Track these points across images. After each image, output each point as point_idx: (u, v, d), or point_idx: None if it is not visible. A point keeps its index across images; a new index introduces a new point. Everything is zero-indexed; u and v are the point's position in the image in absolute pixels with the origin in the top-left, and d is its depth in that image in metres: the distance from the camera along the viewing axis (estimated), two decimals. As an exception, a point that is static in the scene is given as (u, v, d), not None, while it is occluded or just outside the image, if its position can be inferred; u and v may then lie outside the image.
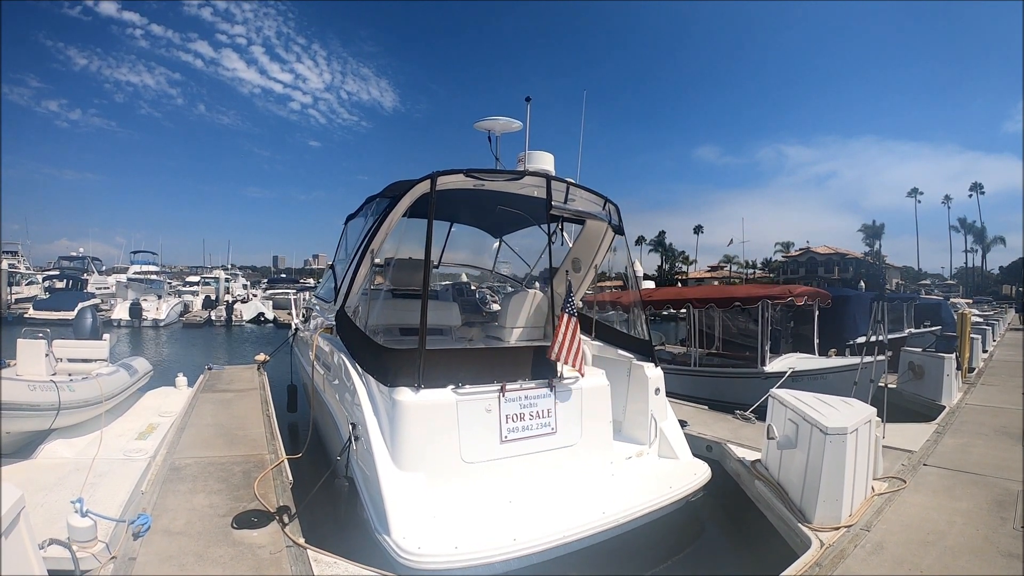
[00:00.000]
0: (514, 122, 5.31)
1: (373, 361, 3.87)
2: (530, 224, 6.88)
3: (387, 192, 4.93)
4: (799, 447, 4.33)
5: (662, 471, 4.65)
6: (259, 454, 4.79)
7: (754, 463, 5.15)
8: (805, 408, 4.31)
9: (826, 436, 3.93)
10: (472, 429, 3.67)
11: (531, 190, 4.69)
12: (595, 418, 4.37)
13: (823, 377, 8.17)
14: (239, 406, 6.66)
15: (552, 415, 4.04)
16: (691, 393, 8.63)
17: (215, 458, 4.68)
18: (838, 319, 11.08)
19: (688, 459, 4.91)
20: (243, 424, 5.79)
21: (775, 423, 4.62)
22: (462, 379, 3.71)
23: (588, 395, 4.30)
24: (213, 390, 7.73)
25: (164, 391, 8.44)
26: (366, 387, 3.85)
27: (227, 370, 9.41)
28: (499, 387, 3.80)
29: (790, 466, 4.46)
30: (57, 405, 5.47)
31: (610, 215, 5.09)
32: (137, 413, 7.34)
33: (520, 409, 3.88)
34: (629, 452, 4.74)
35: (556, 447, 4.07)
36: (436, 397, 3.60)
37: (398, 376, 3.61)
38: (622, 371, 5.04)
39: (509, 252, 8.08)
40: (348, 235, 6.30)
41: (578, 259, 5.88)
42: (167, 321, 27.60)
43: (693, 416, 6.74)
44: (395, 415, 3.49)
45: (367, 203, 5.59)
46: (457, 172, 4.19)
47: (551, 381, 4.05)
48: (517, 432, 3.85)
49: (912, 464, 5.43)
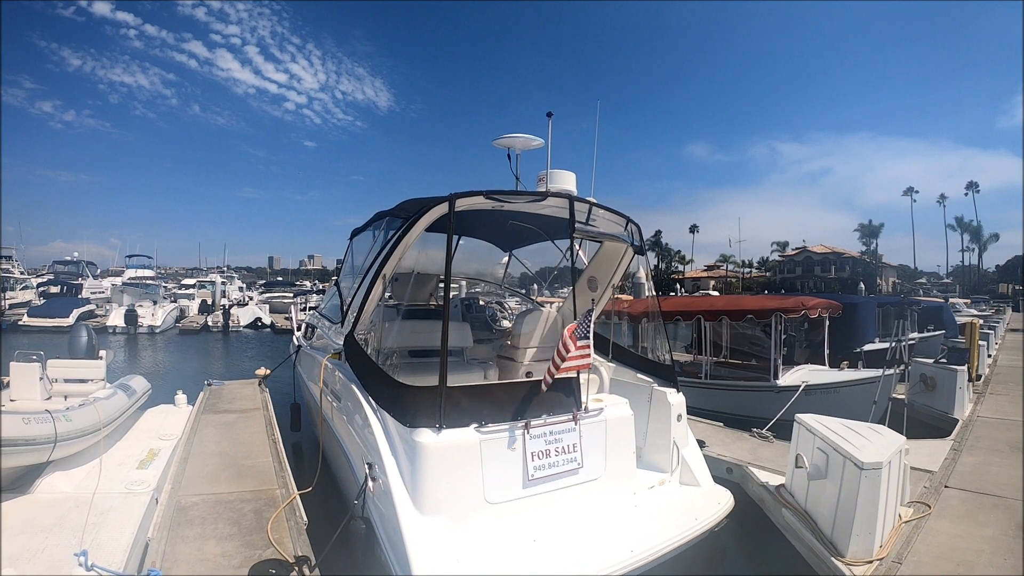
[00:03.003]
0: (535, 140, 5.10)
1: (389, 397, 3.68)
2: (543, 239, 6.73)
3: (400, 211, 4.72)
4: (830, 478, 4.20)
5: (685, 500, 4.51)
6: (269, 489, 4.61)
7: (778, 488, 5.02)
8: (836, 438, 4.18)
9: (861, 471, 3.79)
10: (496, 469, 3.51)
11: (552, 210, 4.52)
12: (619, 449, 4.23)
13: (837, 391, 8.06)
14: (243, 430, 6.47)
15: (577, 449, 3.88)
16: (701, 405, 8.50)
17: (223, 495, 4.50)
18: (846, 326, 10.99)
19: (710, 485, 4.77)
20: (249, 452, 5.61)
21: (803, 451, 4.48)
22: (485, 417, 3.54)
23: (612, 426, 4.14)
24: (215, 410, 7.53)
25: (163, 409, 8.20)
26: (382, 425, 3.66)
27: (227, 386, 9.22)
28: (523, 424, 3.63)
29: (819, 496, 4.33)
30: (54, 437, 5.24)
31: (632, 236, 4.93)
32: (136, 436, 7.12)
33: (545, 445, 3.72)
34: (651, 481, 4.59)
35: (581, 482, 3.91)
36: (458, 437, 3.42)
37: (417, 416, 3.42)
38: (642, 396, 4.89)
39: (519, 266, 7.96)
40: (354, 251, 6.08)
41: (594, 278, 5.72)
42: (163, 328, 27.25)
43: (710, 435, 6.61)
44: (415, 457, 3.32)
45: (376, 219, 5.38)
46: (476, 194, 4.01)
47: (575, 414, 3.89)
48: (543, 469, 3.69)
49: (934, 486, 5.40)
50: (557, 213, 4.52)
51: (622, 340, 5.32)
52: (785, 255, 77.70)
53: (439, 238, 7.98)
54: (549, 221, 5.21)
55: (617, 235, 4.85)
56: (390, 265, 4.29)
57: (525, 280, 10.07)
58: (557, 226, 5.63)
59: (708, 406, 8.54)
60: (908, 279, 75.24)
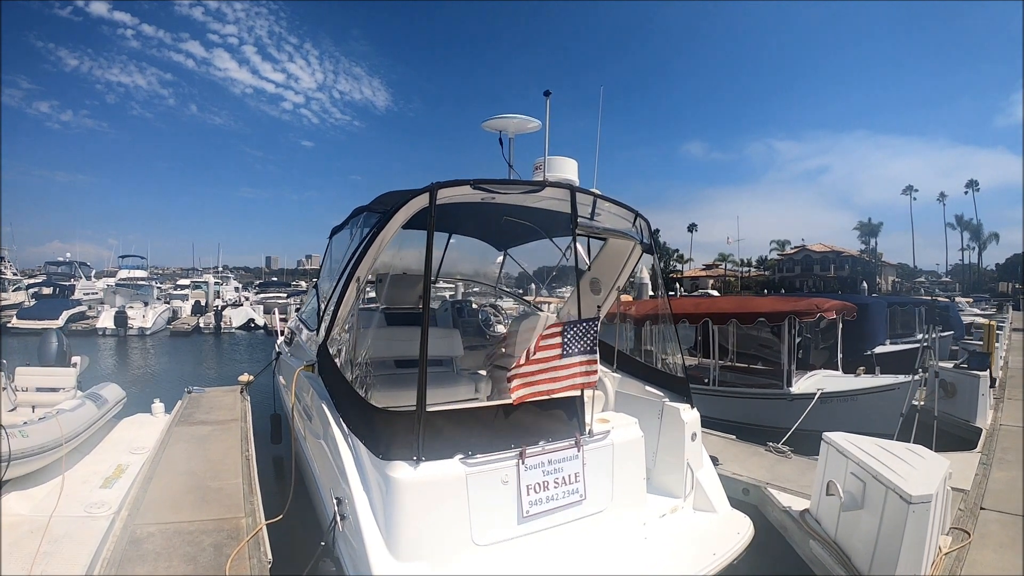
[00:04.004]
0: (531, 121, 4.50)
1: (361, 422, 3.17)
2: (540, 237, 6.21)
3: (377, 205, 4.16)
4: (867, 508, 3.71)
5: (701, 529, 4.01)
6: (234, 518, 4.10)
7: (803, 514, 4.52)
8: (875, 464, 3.69)
9: (909, 505, 3.30)
10: (486, 506, 3.00)
11: (550, 203, 3.98)
12: (628, 476, 3.73)
13: (854, 399, 7.59)
14: (216, 445, 5.96)
15: (580, 479, 3.38)
16: (707, 414, 7.96)
17: (182, 525, 4.00)
18: (856, 328, 10.53)
19: (727, 511, 4.27)
20: (219, 471, 5.10)
21: (834, 475, 3.99)
22: (472, 445, 3.03)
23: (620, 451, 3.64)
24: (190, 421, 7.02)
25: (140, 419, 7.72)
26: (353, 454, 3.16)
27: (208, 393, 8.70)
28: (517, 453, 3.12)
29: (854, 527, 3.84)
30: (7, 456, 4.78)
31: (640, 232, 4.39)
32: (106, 449, 6.62)
33: (543, 476, 3.21)
34: (663, 508, 4.09)
35: (584, 515, 3.41)
36: (441, 471, 2.91)
37: (392, 445, 2.91)
38: (651, 412, 4.38)
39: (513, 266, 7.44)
40: (332, 251, 5.47)
41: (597, 279, 5.18)
42: (154, 329, 26.67)
43: (722, 449, 6.10)
44: (390, 495, 2.81)
45: (354, 215, 4.79)
46: (462, 183, 3.42)
47: (578, 439, 3.38)
48: (540, 504, 3.18)
49: (969, 507, 4.97)
50: (556, 206, 3.98)
51: (625, 346, 4.77)
52: (784, 254, 77.20)
53: (435, 234, 7.51)
54: (547, 216, 4.69)
55: (625, 231, 4.29)
56: (364, 266, 3.74)
57: (522, 280, 9.57)
58: (556, 221, 5.10)
59: (715, 414, 8.04)
60: (907, 278, 74.85)
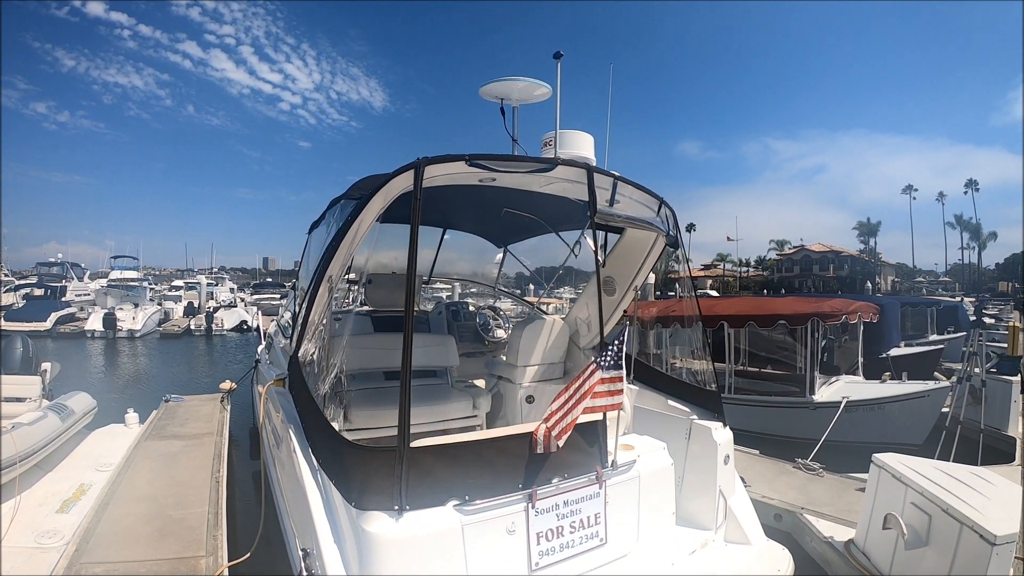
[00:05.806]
0: (540, 86, 3.70)
1: (331, 458, 2.55)
2: (545, 231, 5.64)
3: (353, 191, 3.51)
4: (932, 545, 3.16)
5: (736, 566, 3.44)
6: (193, 557, 3.52)
7: (848, 545, 3.97)
8: (941, 493, 3.14)
9: (993, 547, 2.75)
10: (487, 560, 2.41)
11: (561, 186, 3.38)
12: (655, 511, 3.17)
13: (882, 407, 7.05)
14: (186, 463, 5.38)
15: (601, 520, 2.81)
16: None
17: (135, 565, 3.42)
18: (872, 330, 10.02)
19: (763, 543, 3.69)
20: (184, 497, 4.52)
21: (890, 506, 3.45)
22: (469, 488, 2.42)
23: (647, 483, 3.07)
24: (162, 435, 6.45)
25: (112, 431, 7.15)
26: (323, 496, 2.54)
27: (186, 402, 8.12)
28: (526, 495, 2.55)
29: (915, 566, 3.29)
30: None
31: (666, 222, 3.75)
32: (71, 466, 6.05)
33: (558, 521, 2.63)
34: (692, 543, 3.51)
35: (605, 562, 2.85)
36: (429, 523, 2.29)
37: (367, 491, 2.28)
38: (676, 431, 3.81)
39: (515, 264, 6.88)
40: (310, 250, 4.75)
41: (611, 278, 4.58)
42: (143, 331, 25.96)
43: (747, 467, 5.54)
44: (366, 553, 2.21)
45: (331, 207, 4.09)
46: (456, 159, 2.78)
47: (599, 473, 2.80)
48: (553, 554, 2.61)
49: None
50: (568, 191, 3.38)
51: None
52: (783, 254, 76.73)
53: (428, 230, 6.91)
54: (554, 206, 4.09)
55: (649, 220, 3.66)
56: (337, 262, 3.12)
57: (521, 281, 8.99)
58: (564, 212, 4.51)
59: (731, 424, 7.48)
60: (906, 277, 74.51)
